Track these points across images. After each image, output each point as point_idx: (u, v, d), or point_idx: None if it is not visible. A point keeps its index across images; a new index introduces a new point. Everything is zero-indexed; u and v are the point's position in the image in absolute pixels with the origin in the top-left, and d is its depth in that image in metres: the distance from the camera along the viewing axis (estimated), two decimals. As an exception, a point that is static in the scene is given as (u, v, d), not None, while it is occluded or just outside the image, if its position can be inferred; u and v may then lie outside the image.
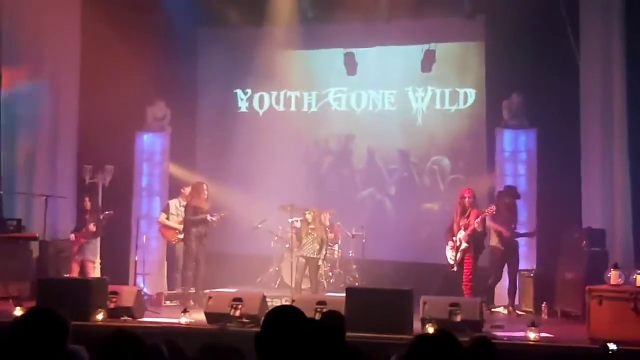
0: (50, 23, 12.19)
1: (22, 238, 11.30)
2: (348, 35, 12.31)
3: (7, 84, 12.12)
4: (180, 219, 11.21)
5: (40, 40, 12.22)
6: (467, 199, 9.85)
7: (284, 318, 3.07)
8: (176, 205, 11.37)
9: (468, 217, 9.79)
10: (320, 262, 10.71)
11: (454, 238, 9.81)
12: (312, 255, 10.51)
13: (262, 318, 3.14)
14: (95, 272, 11.04)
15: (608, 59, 10.48)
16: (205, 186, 10.90)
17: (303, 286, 10.61)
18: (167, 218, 11.38)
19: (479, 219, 9.71)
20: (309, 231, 10.58)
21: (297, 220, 11.03)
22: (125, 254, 11.97)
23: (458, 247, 9.76)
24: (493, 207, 9.95)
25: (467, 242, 9.70)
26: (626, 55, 10.31)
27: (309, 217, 10.60)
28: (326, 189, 12.57)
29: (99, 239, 11.24)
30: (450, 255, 9.85)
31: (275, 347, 3.00)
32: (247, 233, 11.67)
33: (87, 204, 11.03)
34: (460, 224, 9.80)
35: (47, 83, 12.41)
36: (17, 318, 3.32)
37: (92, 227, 10.91)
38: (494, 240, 10.38)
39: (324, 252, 10.67)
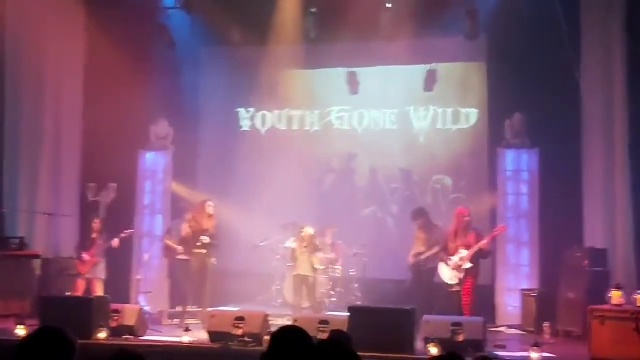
0: (54, 43, 12.28)
1: (25, 256, 11.29)
2: (350, 54, 12.33)
3: (12, 103, 12.18)
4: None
5: (44, 59, 12.29)
6: (467, 219, 9.84)
7: (291, 338, 3.09)
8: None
9: (467, 236, 9.77)
10: (318, 280, 10.66)
11: (452, 258, 9.74)
12: (306, 274, 10.49)
13: (265, 337, 3.17)
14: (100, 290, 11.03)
15: (609, 78, 10.51)
16: (209, 204, 10.69)
17: (304, 305, 10.59)
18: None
19: (488, 238, 9.70)
20: (303, 250, 10.56)
21: (292, 241, 11.06)
22: (127, 272, 11.97)
23: (460, 267, 9.70)
24: (503, 226, 9.97)
25: (471, 262, 9.66)
26: (628, 75, 10.34)
27: (304, 234, 10.57)
28: (328, 208, 12.55)
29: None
30: (450, 275, 9.78)
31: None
32: (249, 251, 11.68)
33: (97, 226, 10.86)
34: (458, 243, 9.77)
35: (51, 101, 12.45)
36: (26, 337, 3.30)
37: (116, 243, 10.81)
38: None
39: (318, 270, 10.61)
